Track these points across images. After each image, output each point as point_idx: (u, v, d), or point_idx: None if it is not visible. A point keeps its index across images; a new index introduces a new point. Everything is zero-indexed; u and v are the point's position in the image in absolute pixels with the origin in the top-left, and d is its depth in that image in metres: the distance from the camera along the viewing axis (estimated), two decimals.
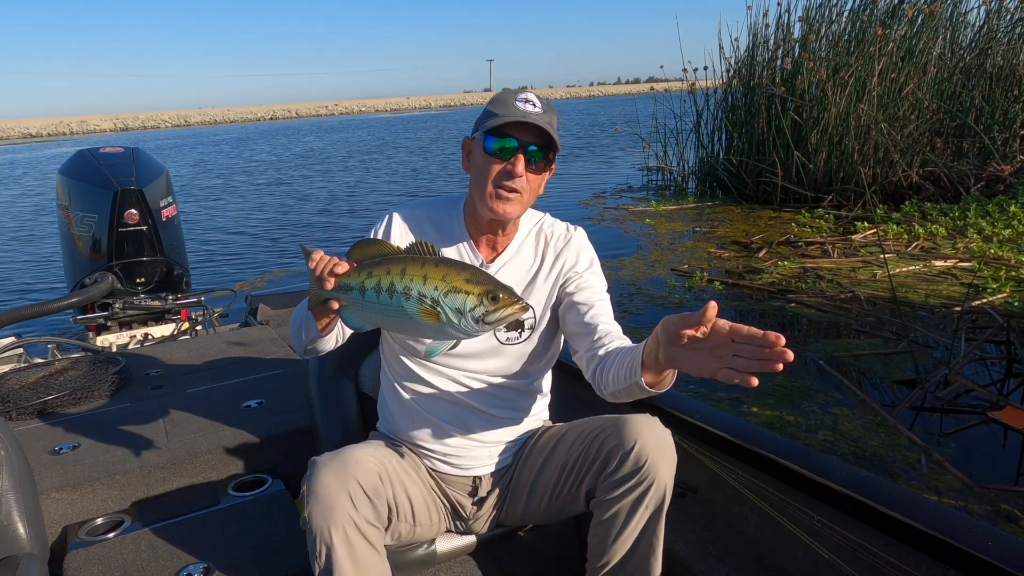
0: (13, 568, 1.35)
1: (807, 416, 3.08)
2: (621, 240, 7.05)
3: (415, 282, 1.04)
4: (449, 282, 1.03)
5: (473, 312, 1.03)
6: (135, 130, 68.41)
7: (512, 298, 1.03)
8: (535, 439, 1.54)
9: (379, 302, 1.07)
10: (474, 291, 1.02)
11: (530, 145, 1.31)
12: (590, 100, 77.80)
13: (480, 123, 1.36)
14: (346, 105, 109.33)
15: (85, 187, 3.46)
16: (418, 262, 1.05)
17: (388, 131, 37.45)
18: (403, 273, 1.05)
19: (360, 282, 1.09)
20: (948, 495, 2.46)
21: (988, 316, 4.03)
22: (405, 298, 1.04)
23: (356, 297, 1.10)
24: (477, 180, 1.36)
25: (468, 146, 1.41)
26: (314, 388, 1.75)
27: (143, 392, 2.34)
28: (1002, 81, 7.72)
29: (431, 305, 1.03)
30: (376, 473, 1.27)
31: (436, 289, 1.03)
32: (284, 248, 8.56)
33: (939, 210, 6.70)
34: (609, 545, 1.33)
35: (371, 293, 1.07)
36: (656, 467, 1.28)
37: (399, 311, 1.06)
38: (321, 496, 1.19)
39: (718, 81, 9.53)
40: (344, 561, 1.19)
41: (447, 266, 1.05)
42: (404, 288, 1.04)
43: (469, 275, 1.04)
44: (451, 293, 1.02)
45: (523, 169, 1.31)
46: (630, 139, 11.50)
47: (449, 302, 1.03)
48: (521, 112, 1.30)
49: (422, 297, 1.04)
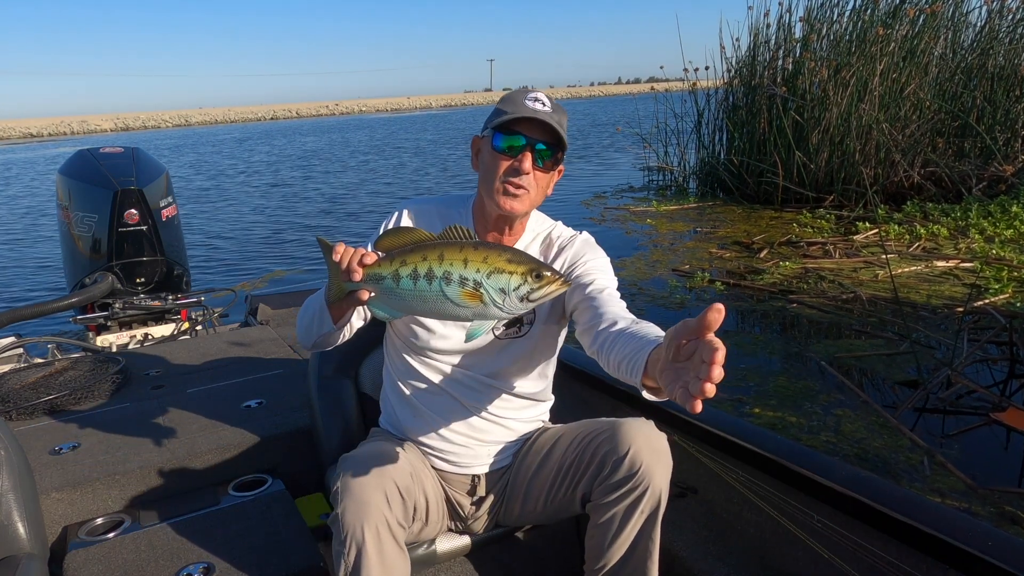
0: (13, 568, 1.35)
1: (809, 417, 3.08)
2: (622, 240, 7.04)
3: (455, 266, 1.04)
4: (491, 263, 1.03)
5: (518, 291, 1.03)
6: (135, 130, 68.48)
7: (555, 275, 1.04)
8: (534, 439, 1.54)
9: (416, 289, 1.06)
10: (518, 270, 1.03)
11: (538, 143, 1.31)
12: (591, 100, 77.81)
13: (489, 121, 1.36)
14: (346, 105, 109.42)
15: (85, 187, 3.46)
16: (456, 246, 1.05)
17: (388, 131, 37.48)
18: (441, 258, 1.05)
19: (394, 271, 1.08)
20: (951, 497, 2.46)
21: (990, 317, 4.03)
22: (446, 283, 1.04)
23: (389, 286, 1.09)
24: (485, 176, 1.36)
25: (477, 144, 1.41)
26: (314, 388, 1.75)
27: (143, 392, 2.34)
28: (1004, 81, 7.71)
29: (473, 287, 1.04)
30: (408, 472, 1.27)
31: (478, 271, 1.03)
32: (284, 248, 8.56)
33: (941, 210, 6.69)
34: (605, 548, 1.33)
35: (407, 281, 1.07)
36: (650, 472, 1.27)
37: (439, 296, 1.05)
38: (356, 494, 1.18)
39: (719, 81, 9.53)
40: (374, 561, 1.17)
41: (486, 248, 1.05)
42: (444, 273, 1.04)
43: (510, 255, 1.04)
44: (494, 274, 1.03)
45: (530, 166, 1.31)
46: (631, 139, 11.49)
47: (492, 283, 1.03)
48: (530, 109, 1.29)
49: (464, 280, 1.04)
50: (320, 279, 7.33)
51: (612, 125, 26.39)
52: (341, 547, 1.19)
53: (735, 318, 4.53)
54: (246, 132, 48.17)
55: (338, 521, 1.19)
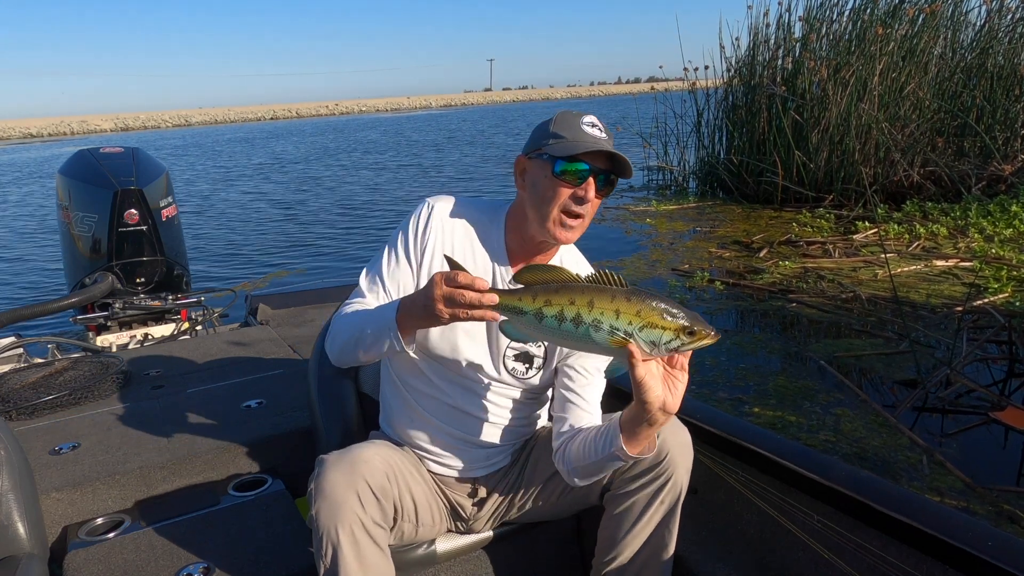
0: (13, 568, 1.35)
1: (808, 416, 3.08)
2: (622, 240, 7.04)
3: (606, 316, 1.05)
4: (644, 318, 1.04)
5: (668, 344, 1.05)
6: (135, 130, 68.44)
7: (706, 331, 1.05)
8: (537, 438, 1.54)
9: (561, 329, 1.08)
10: (670, 327, 1.04)
11: (601, 172, 1.29)
12: (591, 100, 77.76)
13: (541, 143, 1.31)
14: (346, 105, 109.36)
15: (85, 187, 3.46)
16: (607, 295, 1.06)
17: (388, 131, 37.44)
18: (591, 305, 1.06)
19: (537, 309, 1.09)
20: (950, 496, 2.46)
21: (990, 316, 4.03)
22: (594, 330, 1.06)
23: (530, 321, 1.10)
24: (540, 202, 1.31)
25: (523, 165, 1.37)
26: (314, 388, 1.75)
27: (143, 392, 2.34)
28: (1003, 80, 7.70)
29: (624, 337, 1.05)
30: (384, 473, 1.27)
31: (631, 324, 1.04)
32: (284, 248, 8.56)
33: (940, 210, 6.69)
34: (620, 539, 1.35)
35: (551, 320, 1.08)
36: (675, 463, 1.30)
37: (585, 339, 1.07)
38: (329, 495, 1.19)
39: (719, 80, 9.52)
40: (350, 561, 1.19)
41: (640, 300, 1.05)
42: (593, 320, 1.06)
43: (663, 309, 1.04)
44: (646, 328, 1.04)
45: (594, 195, 1.29)
46: (631, 139, 11.47)
47: (644, 336, 1.05)
48: (593, 140, 1.28)
49: (614, 330, 1.05)
50: (320, 279, 7.25)
51: (612, 125, 26.33)
52: (318, 547, 1.20)
53: (735, 318, 4.53)
54: (246, 132, 48.15)
55: (314, 522, 1.21)
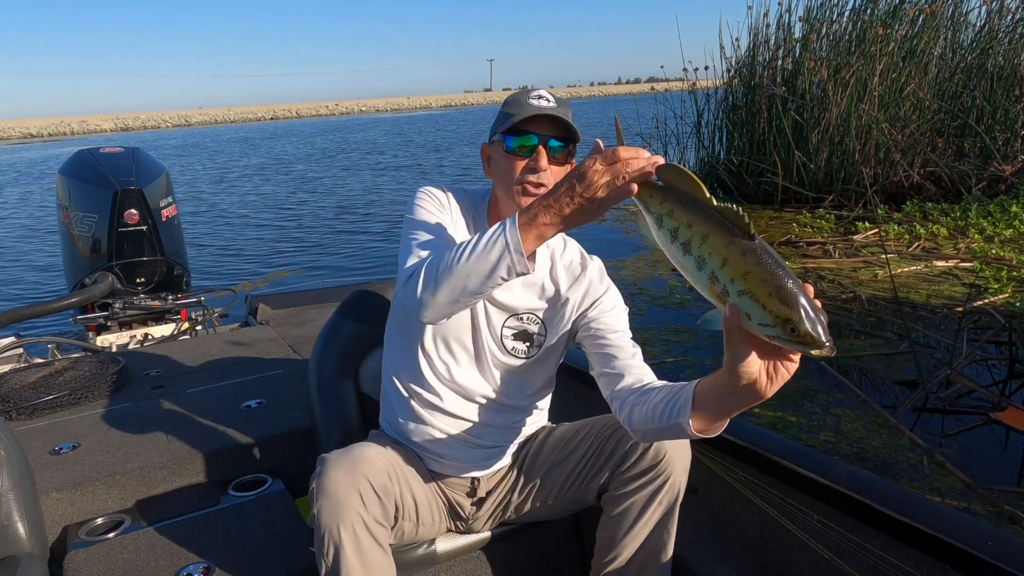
0: (13, 568, 1.35)
1: (809, 417, 3.08)
2: (622, 240, 7.05)
3: (712, 258, 0.89)
4: (748, 283, 0.87)
5: (763, 324, 0.88)
6: (135, 130, 68.45)
7: (816, 337, 0.88)
8: (536, 439, 1.54)
9: (671, 246, 0.95)
10: (773, 310, 0.86)
11: (550, 139, 1.31)
12: (591, 100, 77.78)
13: (497, 126, 1.35)
14: (346, 105, 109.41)
15: (85, 187, 3.46)
16: (725, 236, 0.89)
17: (388, 131, 37.45)
18: (704, 238, 0.90)
19: (659, 215, 0.97)
20: (950, 496, 2.46)
21: (990, 316, 4.02)
22: (698, 265, 0.92)
23: (653, 221, 0.98)
24: (502, 180, 1.34)
25: (487, 152, 1.40)
26: (314, 388, 1.75)
27: (143, 392, 2.34)
28: (1003, 81, 7.70)
29: (721, 291, 0.90)
30: (385, 472, 1.27)
31: (732, 281, 0.88)
32: (284, 248, 8.56)
33: (940, 210, 6.69)
34: (619, 539, 1.35)
35: (666, 233, 0.95)
36: (673, 463, 1.30)
37: (690, 269, 0.94)
38: (331, 493, 1.19)
39: (719, 81, 9.51)
40: (352, 559, 1.19)
41: (755, 261, 0.87)
42: (699, 255, 0.91)
43: (776, 286, 0.86)
44: (744, 295, 0.87)
45: (547, 163, 1.30)
46: (631, 139, 11.48)
47: (741, 303, 0.88)
48: (536, 107, 1.29)
49: (714, 278, 0.90)
50: (320, 279, 7.24)
51: (612, 125, 26.38)
52: (320, 546, 1.20)
53: None
54: (246, 132, 48.15)
55: (316, 521, 1.20)
